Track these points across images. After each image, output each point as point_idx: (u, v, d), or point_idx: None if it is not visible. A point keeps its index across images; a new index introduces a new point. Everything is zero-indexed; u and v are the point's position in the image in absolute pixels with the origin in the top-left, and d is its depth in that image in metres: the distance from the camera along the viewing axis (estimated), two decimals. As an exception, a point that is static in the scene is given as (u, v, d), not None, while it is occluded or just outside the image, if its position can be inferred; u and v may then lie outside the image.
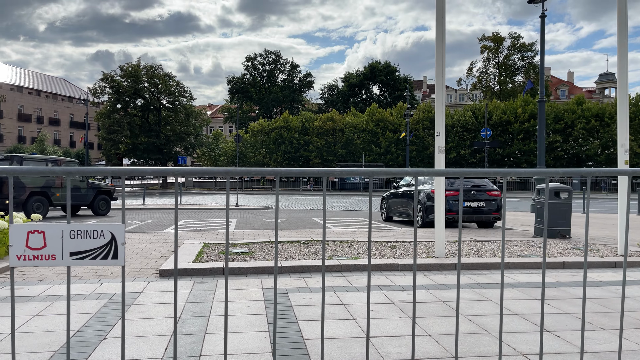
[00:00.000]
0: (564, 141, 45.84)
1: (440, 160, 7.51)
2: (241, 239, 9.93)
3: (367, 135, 47.42)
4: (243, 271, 6.53)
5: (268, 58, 72.19)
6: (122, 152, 50.84)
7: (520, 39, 61.47)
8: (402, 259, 7.44)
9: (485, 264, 7.09)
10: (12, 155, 15.34)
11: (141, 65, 49.85)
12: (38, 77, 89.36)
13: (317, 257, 7.59)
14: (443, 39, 7.45)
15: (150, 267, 6.99)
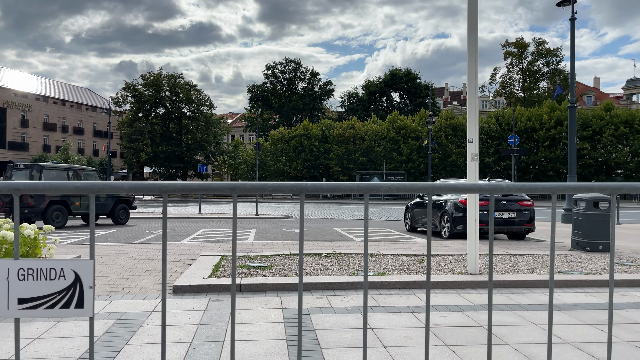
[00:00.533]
0: (592, 148, 44.53)
1: (473, 169, 6.98)
2: (260, 251, 9.50)
3: (388, 142, 46.79)
4: (261, 288, 6.09)
5: (288, 66, 72.25)
6: (143, 161, 51.15)
7: (544, 44, 60.27)
8: (433, 274, 6.91)
9: (525, 281, 6.51)
10: (32, 164, 15.26)
11: (162, 74, 50.22)
12: (63, 87, 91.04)
13: (341, 272, 7.11)
14: (476, 42, 6.95)
15: (163, 282, 6.60)
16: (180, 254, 9.04)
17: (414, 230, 14.73)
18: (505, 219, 11.62)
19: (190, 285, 6.01)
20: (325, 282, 6.20)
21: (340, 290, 6.14)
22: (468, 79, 7.07)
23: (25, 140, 73.92)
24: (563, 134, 44.74)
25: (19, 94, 74.51)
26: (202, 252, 9.17)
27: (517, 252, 9.41)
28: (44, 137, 77.31)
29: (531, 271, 7.35)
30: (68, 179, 15.70)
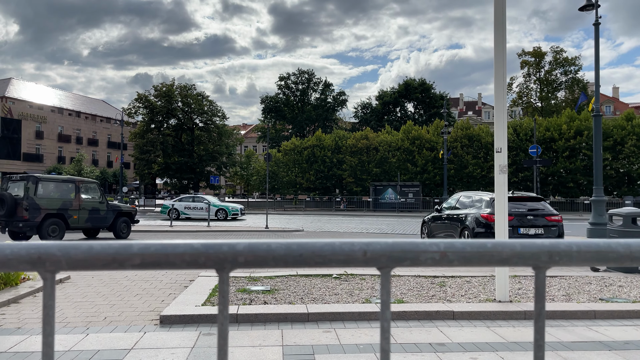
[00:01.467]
0: (613, 159, 43.11)
1: (501, 182, 6.18)
2: (264, 271, 8.76)
3: (402, 153, 45.85)
4: (261, 318, 5.33)
5: (301, 77, 71.82)
6: (155, 172, 50.88)
7: (562, 53, 58.99)
8: (457, 302, 6.09)
9: (564, 312, 5.66)
10: (28, 175, 14.70)
11: (175, 85, 50.09)
12: (78, 99, 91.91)
13: (352, 298, 6.33)
14: (503, 47, 6.20)
15: (153, 308, 5.88)
16: (178, 274, 8.33)
17: (431, 245, 13.86)
18: (531, 235, 10.72)
19: (179, 315, 5.28)
20: (334, 312, 5.43)
21: (351, 322, 5.36)
22: (495, 84, 6.32)
23: (40, 152, 74.49)
24: (583, 144, 43.42)
25: (35, 106, 75.25)
26: (201, 272, 8.45)
27: (547, 273, 8.52)
28: (58, 148, 77.86)
29: (568, 298, 6.49)
30: (66, 191, 15.00)
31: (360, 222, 28.01)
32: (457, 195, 13.39)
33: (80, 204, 15.09)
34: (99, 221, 15.75)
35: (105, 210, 15.87)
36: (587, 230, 17.77)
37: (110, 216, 15.99)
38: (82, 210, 15.11)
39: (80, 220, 15.17)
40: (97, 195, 15.86)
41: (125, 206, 17.14)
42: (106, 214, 15.89)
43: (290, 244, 0.86)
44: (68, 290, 6.93)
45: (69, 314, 5.61)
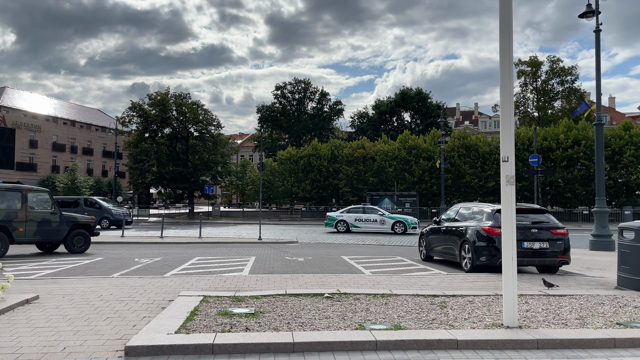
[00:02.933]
0: (611, 169, 42.73)
1: (509, 194, 5.61)
2: (252, 288, 8.15)
3: (399, 163, 45.35)
4: (240, 349, 4.72)
5: (298, 87, 71.46)
6: (149, 181, 50.10)
7: (559, 62, 58.85)
8: (460, 328, 5.48)
9: (581, 340, 5.07)
10: None
11: (169, 94, 49.50)
12: (74, 108, 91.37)
13: (344, 322, 5.72)
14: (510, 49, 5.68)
15: (121, 336, 5.25)
16: (157, 293, 7.70)
17: (429, 259, 13.27)
18: (535, 249, 10.14)
19: (148, 345, 4.66)
20: (322, 342, 4.81)
21: (341, 353, 4.75)
22: (501, 91, 5.79)
23: (33, 161, 73.76)
24: (581, 154, 43.08)
25: (29, 115, 74.63)
26: (183, 291, 7.83)
27: (555, 291, 7.94)
28: (52, 157, 77.13)
29: (582, 322, 5.90)
30: (11, 200, 13.73)
31: (356, 234, 27.39)
32: (456, 206, 12.83)
33: (27, 215, 13.91)
34: (50, 234, 14.49)
35: (58, 222, 14.66)
36: (589, 242, 17.27)
37: (64, 228, 14.78)
38: (29, 222, 13.91)
39: (28, 233, 13.93)
40: (49, 205, 14.64)
41: (83, 217, 15.89)
42: (59, 226, 14.67)
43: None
44: (32, 313, 6.30)
45: (25, 343, 4.98)
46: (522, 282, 8.89)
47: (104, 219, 30.19)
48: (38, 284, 8.64)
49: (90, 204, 30.99)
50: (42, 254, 14.73)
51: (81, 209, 29.60)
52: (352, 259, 13.69)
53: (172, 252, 15.85)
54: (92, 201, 31.36)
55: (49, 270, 11.15)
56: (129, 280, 9.04)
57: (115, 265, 12.31)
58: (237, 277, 9.56)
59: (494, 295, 7.50)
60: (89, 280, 9.14)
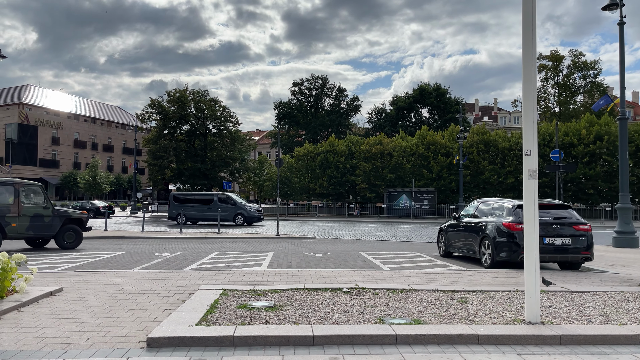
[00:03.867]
0: (635, 165, 41.82)
1: (531, 188, 5.52)
2: (271, 283, 8.18)
3: (417, 159, 45.04)
4: (260, 341, 4.74)
5: (315, 83, 71.43)
6: (168, 178, 50.64)
7: (581, 56, 57.72)
8: (481, 324, 5.42)
9: (605, 337, 4.97)
10: None
11: (188, 91, 49.92)
12: (94, 105, 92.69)
13: (364, 316, 5.71)
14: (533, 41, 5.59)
15: (143, 327, 5.32)
16: (178, 287, 7.78)
17: (448, 255, 13.17)
18: (557, 245, 9.98)
19: (169, 337, 4.71)
20: (342, 335, 4.81)
21: (361, 346, 4.74)
22: (524, 83, 5.73)
23: (56, 158, 75.21)
24: (603, 150, 42.26)
25: (51, 112, 76.01)
26: (202, 284, 7.89)
27: (578, 288, 7.81)
28: (74, 154, 78.54)
29: (606, 318, 5.79)
30: (3, 195, 13.52)
31: (374, 228, 27.32)
32: (475, 202, 12.70)
33: (20, 209, 13.64)
34: (43, 229, 14.23)
35: (51, 217, 14.35)
36: (612, 239, 16.95)
37: (56, 224, 14.50)
38: (22, 217, 13.66)
39: (20, 229, 13.70)
40: (41, 199, 14.32)
41: (75, 212, 15.54)
42: (52, 221, 14.37)
43: None
44: (56, 305, 6.42)
45: (50, 334, 5.07)
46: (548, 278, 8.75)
47: (239, 216, 29.30)
48: (61, 276, 8.80)
49: (224, 200, 29.95)
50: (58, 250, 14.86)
51: (215, 206, 29.14)
52: (370, 254, 13.66)
53: (191, 247, 16.00)
54: (226, 197, 30.22)
55: (71, 264, 11.35)
56: (149, 274, 9.15)
57: (135, 259, 12.47)
58: (256, 272, 9.61)
59: (515, 291, 7.40)
60: (111, 273, 9.28)
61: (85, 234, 16.42)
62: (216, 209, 27.99)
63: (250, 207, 30.38)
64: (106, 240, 18.69)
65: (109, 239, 19.07)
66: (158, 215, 43.75)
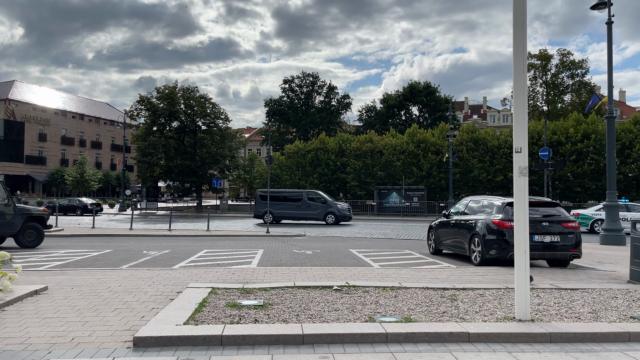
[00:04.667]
0: (621, 163, 42.27)
1: (522, 186, 5.51)
2: (260, 281, 8.12)
3: (407, 157, 45.13)
4: (249, 340, 4.68)
5: (305, 80, 71.27)
6: (157, 175, 50.25)
7: (569, 55, 58.21)
8: (472, 321, 5.41)
9: (595, 334, 4.98)
10: None
11: (177, 87, 49.54)
12: (82, 101, 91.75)
13: (354, 314, 5.67)
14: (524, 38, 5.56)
15: (130, 327, 5.23)
16: (166, 285, 7.69)
17: (438, 252, 13.19)
18: (546, 243, 10.03)
19: (156, 336, 4.63)
20: (332, 334, 4.77)
21: (351, 345, 4.70)
22: (514, 81, 5.71)
23: (43, 154, 74.30)
24: (590, 148, 42.67)
25: (38, 109, 75.05)
26: (191, 282, 7.81)
27: (567, 285, 7.85)
28: (61, 151, 77.63)
29: (595, 315, 5.81)
30: None
31: (365, 226, 27.31)
32: (465, 200, 12.72)
33: None
34: (4, 228, 13.55)
35: (12, 214, 13.64)
36: (600, 236, 17.10)
37: (17, 221, 13.78)
38: None
39: None
40: (2, 196, 13.66)
41: (36, 209, 14.98)
42: (13, 219, 13.65)
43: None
44: (41, 304, 6.30)
45: (34, 333, 4.97)
46: (533, 276, 8.77)
47: (330, 215, 27.90)
48: (47, 275, 8.66)
49: (314, 198, 28.69)
50: (44, 248, 14.63)
51: (304, 204, 28.13)
52: (361, 252, 13.63)
53: (180, 244, 15.87)
54: (316, 196, 29.03)
55: (57, 262, 11.19)
56: (137, 272, 9.04)
57: (123, 257, 12.33)
58: (246, 270, 9.54)
59: (505, 288, 7.41)
60: (98, 271, 9.15)
61: (72, 232, 16.25)
62: (305, 207, 27.39)
63: (340, 205, 28.98)
64: (93, 237, 18.49)
65: (96, 236, 18.86)
66: (147, 213, 43.45)
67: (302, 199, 28.70)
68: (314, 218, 27.95)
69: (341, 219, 28.01)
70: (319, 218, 28.11)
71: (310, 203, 28.30)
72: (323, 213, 27.97)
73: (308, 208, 26.99)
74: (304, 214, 27.47)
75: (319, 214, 28.07)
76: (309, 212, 27.59)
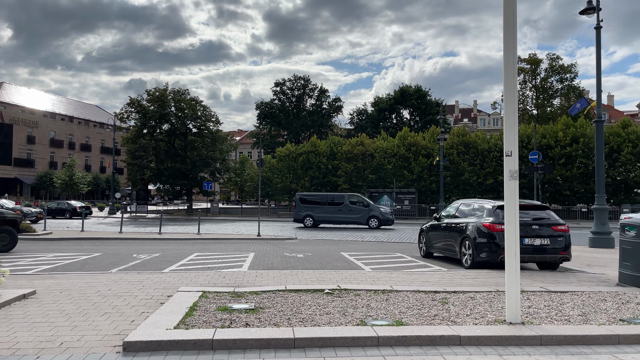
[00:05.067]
0: (610, 167, 42.73)
1: (512, 190, 5.55)
2: (251, 284, 8.08)
3: (398, 160, 45.28)
4: (240, 344, 4.66)
5: (297, 83, 71.32)
6: (148, 178, 49.93)
7: (558, 60, 58.81)
8: (463, 324, 5.42)
9: (585, 337, 5.01)
10: None
11: (168, 90, 49.30)
12: (72, 104, 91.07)
13: (345, 318, 5.66)
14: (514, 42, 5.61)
15: (119, 331, 5.18)
16: (156, 289, 7.63)
17: (429, 255, 13.22)
18: (536, 246, 10.10)
19: (146, 341, 4.59)
20: (323, 338, 4.75)
21: (343, 349, 4.69)
22: (505, 85, 5.74)
23: (31, 157, 73.57)
24: (579, 152, 43.10)
25: (27, 111, 74.36)
26: (182, 286, 7.76)
27: (556, 288, 7.90)
28: (50, 153, 76.94)
29: (585, 318, 5.85)
30: None
31: (356, 229, 27.34)
32: (456, 203, 12.78)
33: None
34: None
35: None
36: (589, 239, 17.23)
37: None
38: None
39: None
40: None
41: (9, 212, 14.74)
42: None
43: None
44: (29, 308, 6.23)
45: (22, 338, 4.91)
46: (523, 279, 8.82)
47: (373, 219, 27.33)
48: (35, 279, 8.57)
49: (356, 202, 28.36)
50: (32, 251, 14.53)
51: (346, 208, 27.74)
52: (352, 255, 13.63)
53: (170, 248, 15.78)
54: (358, 199, 28.66)
55: (46, 266, 11.08)
56: (127, 276, 8.97)
57: (113, 260, 12.23)
58: (237, 273, 9.50)
59: (496, 291, 7.45)
60: (87, 275, 9.07)
61: (61, 235, 16.10)
62: (347, 211, 26.96)
63: (384, 209, 28.71)
64: (83, 241, 18.32)
65: (85, 239, 18.70)
66: (137, 216, 43.16)
67: (344, 202, 28.22)
68: (357, 222, 27.63)
69: (384, 222, 27.51)
70: (362, 222, 27.67)
71: (352, 207, 27.88)
72: (366, 217, 27.48)
73: (350, 212, 26.56)
74: (346, 218, 27.08)
75: (362, 218, 27.65)
76: (352, 216, 27.08)
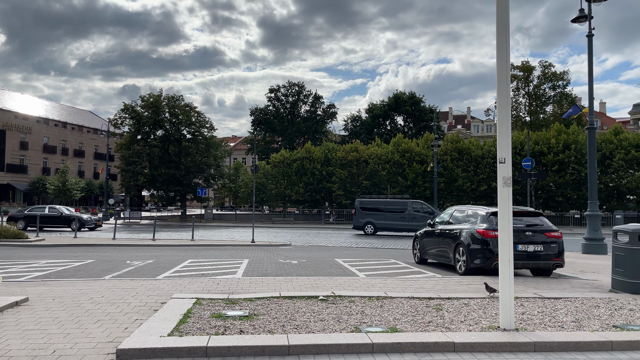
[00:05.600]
0: (602, 173, 43.04)
1: (505, 196, 5.58)
2: (246, 291, 8.06)
3: (392, 166, 45.38)
4: (234, 352, 4.64)
5: (291, 89, 71.42)
6: (141, 184, 49.74)
7: (551, 67, 59.28)
8: (457, 331, 5.43)
9: (578, 343, 5.04)
10: None
11: (162, 96, 49.24)
12: (65, 109, 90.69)
13: (340, 325, 5.65)
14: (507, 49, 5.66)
15: (113, 338, 5.15)
16: (150, 296, 7.59)
17: (423, 262, 13.24)
18: (530, 252, 10.13)
19: (140, 348, 4.57)
20: (318, 345, 4.75)
21: (337, 356, 4.68)
22: (498, 92, 5.79)
23: (24, 163, 73.09)
24: (572, 158, 43.39)
25: (20, 116, 73.93)
26: (175, 293, 7.73)
27: (550, 294, 7.93)
28: (43, 159, 76.47)
29: (579, 324, 5.87)
30: None
31: (350, 235, 27.33)
32: (450, 209, 12.82)
33: None
34: None
35: None
36: (582, 245, 17.32)
37: None
38: None
39: None
40: None
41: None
42: None
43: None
44: (22, 316, 6.18)
45: (14, 346, 4.87)
46: (517, 285, 8.85)
47: None
48: (27, 286, 8.50)
49: (419, 209, 27.98)
50: (23, 258, 14.46)
51: (409, 215, 27.35)
52: (346, 261, 13.63)
53: (164, 254, 15.71)
54: (421, 206, 28.30)
55: (38, 273, 10.99)
56: (120, 283, 8.92)
57: (106, 267, 12.16)
58: (231, 280, 9.47)
59: (489, 298, 7.46)
60: (80, 282, 9.01)
61: (53, 242, 16.01)
62: (410, 218, 26.47)
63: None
64: (76, 247, 18.20)
65: (78, 246, 18.58)
66: (130, 222, 42.94)
67: (407, 209, 27.77)
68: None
69: None
70: None
71: (415, 214, 27.41)
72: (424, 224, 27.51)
73: (413, 219, 26.07)
74: (409, 226, 26.58)
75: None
76: (415, 224, 26.39)
